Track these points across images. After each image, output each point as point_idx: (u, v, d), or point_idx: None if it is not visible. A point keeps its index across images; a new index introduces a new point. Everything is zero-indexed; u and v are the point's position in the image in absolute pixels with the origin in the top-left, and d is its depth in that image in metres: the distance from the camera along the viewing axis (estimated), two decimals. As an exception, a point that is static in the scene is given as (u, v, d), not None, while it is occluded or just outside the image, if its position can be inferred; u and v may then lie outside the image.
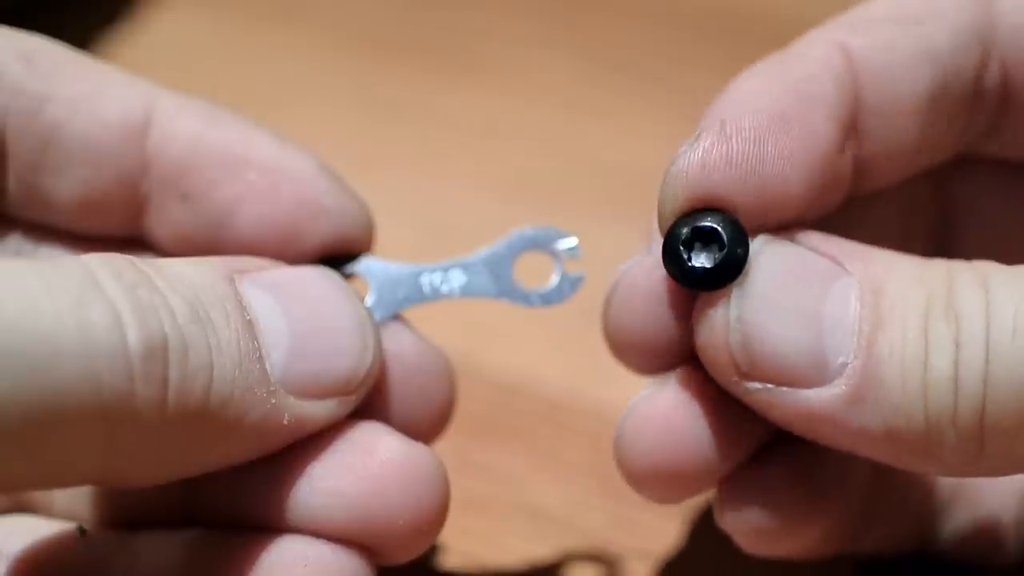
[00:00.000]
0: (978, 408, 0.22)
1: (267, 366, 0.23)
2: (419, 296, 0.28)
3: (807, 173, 0.24)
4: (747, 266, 0.23)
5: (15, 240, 0.28)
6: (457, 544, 0.31)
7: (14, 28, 0.27)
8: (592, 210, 0.42)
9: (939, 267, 0.23)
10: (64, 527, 0.25)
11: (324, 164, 0.28)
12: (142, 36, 0.49)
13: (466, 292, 0.28)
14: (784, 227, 0.24)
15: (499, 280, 0.28)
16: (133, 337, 0.21)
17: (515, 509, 0.33)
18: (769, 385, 0.23)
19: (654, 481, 0.26)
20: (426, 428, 0.27)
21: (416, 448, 0.25)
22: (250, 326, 0.23)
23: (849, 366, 0.22)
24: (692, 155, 0.24)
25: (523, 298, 0.28)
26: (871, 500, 0.28)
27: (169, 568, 0.25)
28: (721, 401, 0.25)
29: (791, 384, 0.23)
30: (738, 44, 0.49)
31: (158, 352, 0.21)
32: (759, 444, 0.26)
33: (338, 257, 0.27)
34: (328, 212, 0.27)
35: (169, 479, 0.23)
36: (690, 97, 0.46)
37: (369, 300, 0.27)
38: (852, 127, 0.25)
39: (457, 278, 0.28)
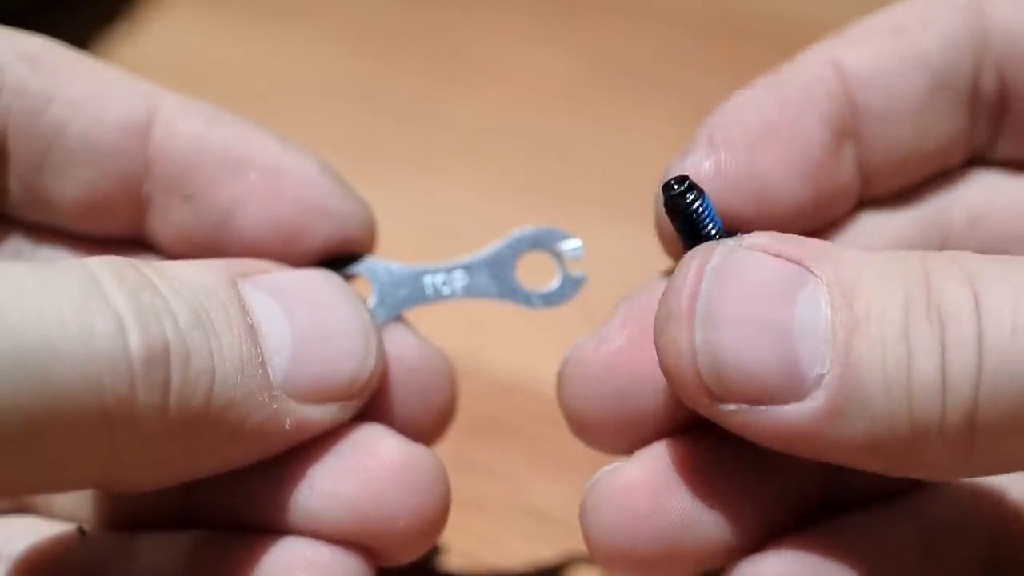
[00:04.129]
0: (968, 411, 0.21)
1: (269, 371, 0.23)
2: (421, 297, 0.28)
3: (801, 178, 0.25)
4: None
5: (15, 241, 0.28)
6: (457, 544, 0.31)
7: (16, 29, 0.27)
8: (593, 210, 0.42)
9: (913, 261, 0.22)
10: (64, 528, 0.25)
11: (326, 165, 0.28)
12: (142, 36, 0.49)
13: (468, 293, 0.28)
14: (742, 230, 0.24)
15: (501, 281, 0.28)
16: (135, 342, 0.21)
17: (515, 509, 0.33)
18: (744, 405, 0.22)
19: (620, 563, 0.24)
20: (427, 429, 0.27)
21: (417, 450, 0.25)
22: (252, 330, 0.23)
23: (827, 376, 0.21)
24: (680, 169, 0.24)
25: (525, 299, 0.28)
26: None
27: (169, 569, 0.25)
28: (706, 476, 0.24)
29: (766, 402, 0.22)
30: (739, 45, 0.49)
31: (160, 357, 0.21)
32: (761, 524, 0.24)
33: (340, 258, 0.27)
34: (330, 213, 0.27)
35: (171, 483, 0.23)
36: (690, 97, 0.46)
37: (371, 301, 0.27)
38: (847, 133, 0.26)
39: (459, 279, 0.28)
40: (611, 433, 0.25)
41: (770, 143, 0.25)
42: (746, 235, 0.23)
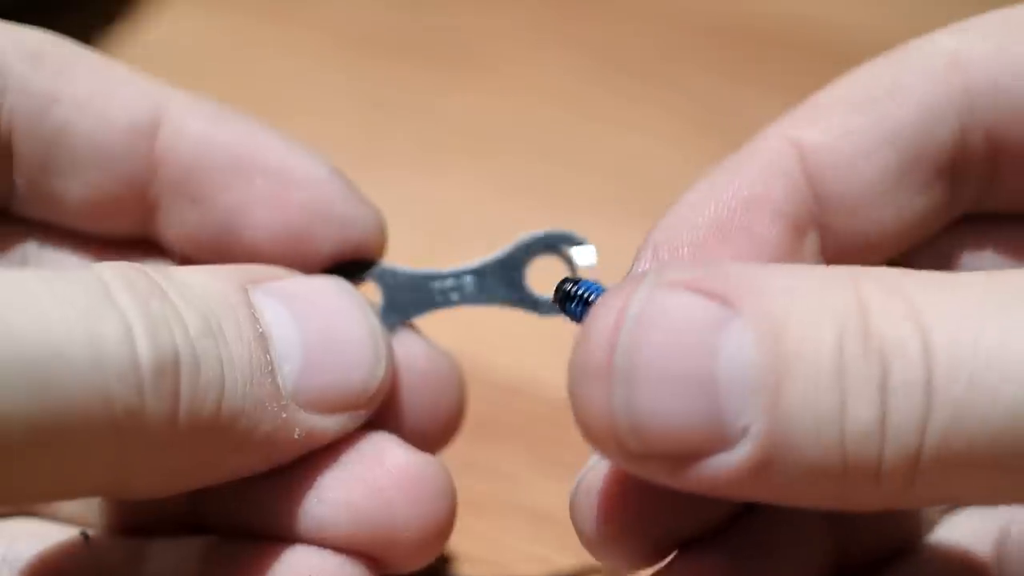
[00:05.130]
0: (911, 459, 0.19)
1: (279, 380, 0.23)
2: (430, 303, 0.27)
3: None
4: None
5: (22, 241, 0.27)
6: (457, 544, 0.31)
7: (20, 24, 0.27)
8: (593, 210, 0.41)
9: (846, 288, 0.20)
10: (69, 533, 0.25)
11: (335, 168, 0.27)
12: (142, 36, 0.49)
13: (478, 300, 0.27)
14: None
15: (511, 286, 0.27)
16: (144, 351, 0.20)
17: (515, 509, 0.33)
18: (666, 461, 0.20)
19: None
20: (436, 435, 0.27)
21: (424, 459, 0.25)
22: (263, 339, 0.23)
23: (754, 427, 0.19)
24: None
25: (534, 306, 0.27)
26: None
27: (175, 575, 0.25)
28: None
29: (690, 457, 0.20)
30: (739, 45, 0.49)
31: (169, 366, 0.21)
32: None
33: (349, 263, 0.27)
34: (339, 219, 0.27)
35: (179, 490, 0.23)
36: (690, 96, 0.46)
37: (380, 307, 0.27)
38: (809, 224, 0.24)
39: (469, 284, 0.27)
40: (632, 551, 0.24)
41: (720, 247, 0.24)
42: (666, 268, 0.21)
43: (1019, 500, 0.21)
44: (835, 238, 0.25)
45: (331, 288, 0.26)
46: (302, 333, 0.24)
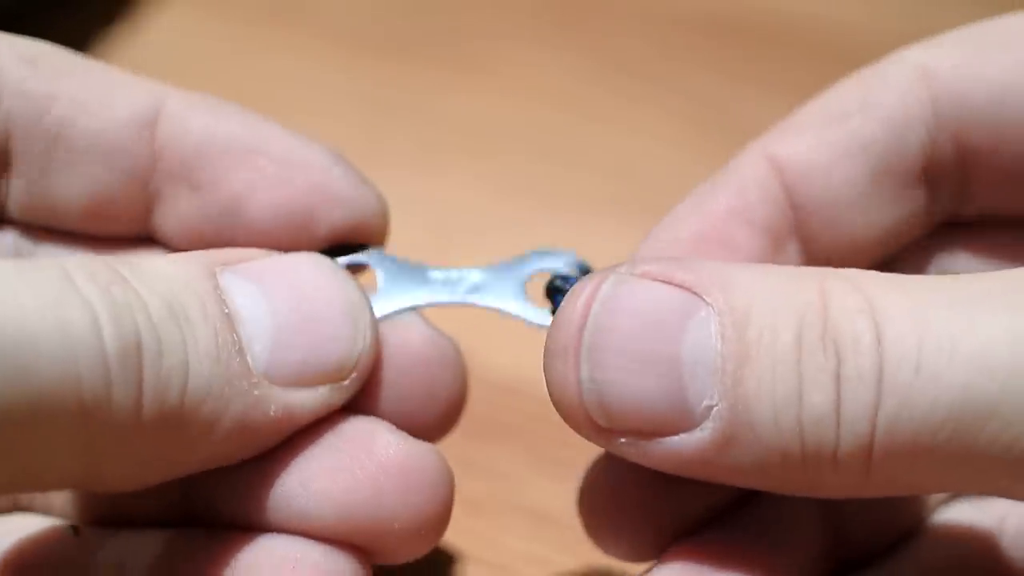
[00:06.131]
0: (864, 446, 0.20)
1: (248, 358, 0.23)
2: (427, 296, 0.27)
3: None
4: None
5: (14, 238, 0.27)
6: (455, 544, 0.31)
7: (16, 34, 0.27)
8: (593, 210, 0.41)
9: (810, 283, 0.21)
10: (56, 526, 0.25)
11: (337, 153, 0.27)
12: (141, 36, 0.49)
13: (474, 300, 0.27)
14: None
15: (509, 294, 0.27)
16: (109, 337, 0.20)
17: (514, 509, 0.33)
18: (633, 438, 0.22)
19: None
20: (433, 424, 0.27)
21: (416, 446, 0.24)
22: (229, 318, 0.23)
23: (715, 408, 0.21)
24: None
25: (528, 316, 0.27)
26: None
27: (153, 565, 0.24)
28: (730, 567, 0.24)
29: (656, 434, 0.21)
30: (739, 43, 0.49)
31: (132, 352, 0.21)
32: None
33: (347, 246, 0.27)
34: (342, 200, 0.26)
35: (155, 481, 0.23)
36: (690, 96, 0.46)
37: (376, 293, 0.27)
38: (788, 233, 0.25)
39: (468, 286, 0.27)
40: (637, 544, 0.25)
41: (702, 257, 0.24)
42: (639, 260, 0.22)
43: (973, 489, 0.22)
44: (816, 247, 0.26)
45: (306, 263, 0.25)
46: (272, 309, 0.24)
